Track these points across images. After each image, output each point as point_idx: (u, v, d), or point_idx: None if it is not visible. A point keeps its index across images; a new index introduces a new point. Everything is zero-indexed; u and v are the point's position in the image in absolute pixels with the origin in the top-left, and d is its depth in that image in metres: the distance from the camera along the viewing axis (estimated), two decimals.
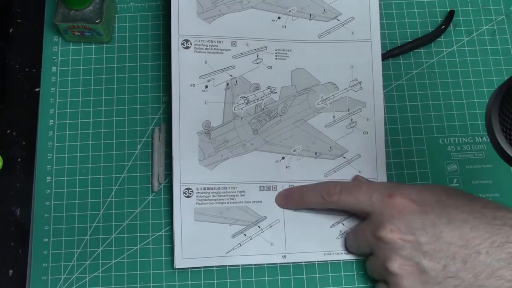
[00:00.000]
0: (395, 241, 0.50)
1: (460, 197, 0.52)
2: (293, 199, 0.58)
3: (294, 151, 0.60)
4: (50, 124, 0.61)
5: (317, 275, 0.57)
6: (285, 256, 0.57)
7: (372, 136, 0.61)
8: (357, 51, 0.62)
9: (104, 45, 0.64)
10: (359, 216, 0.57)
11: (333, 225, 0.58)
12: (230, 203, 0.58)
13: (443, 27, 0.65)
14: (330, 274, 0.57)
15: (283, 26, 0.62)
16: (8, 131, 0.61)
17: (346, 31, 0.63)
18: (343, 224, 0.58)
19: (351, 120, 0.61)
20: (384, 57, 0.63)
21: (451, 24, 0.65)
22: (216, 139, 0.59)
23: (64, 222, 0.58)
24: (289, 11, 0.63)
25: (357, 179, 0.59)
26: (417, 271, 0.50)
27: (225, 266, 0.57)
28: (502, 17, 0.66)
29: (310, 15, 0.63)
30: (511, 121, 0.41)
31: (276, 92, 0.61)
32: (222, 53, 0.61)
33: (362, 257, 0.57)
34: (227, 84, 0.60)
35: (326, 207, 0.56)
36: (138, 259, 0.57)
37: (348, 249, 0.57)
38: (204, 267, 0.57)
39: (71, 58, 0.63)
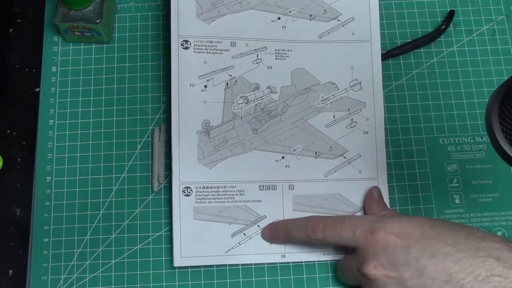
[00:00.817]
0: (379, 278, 0.49)
1: (444, 228, 0.50)
2: (279, 234, 0.57)
3: (294, 150, 0.60)
4: (50, 124, 0.61)
5: (317, 275, 0.57)
6: (284, 255, 0.57)
7: (372, 136, 0.61)
8: (357, 52, 0.62)
9: (104, 45, 0.64)
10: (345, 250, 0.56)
11: None
12: (229, 202, 0.58)
13: (443, 27, 0.65)
14: (330, 274, 0.57)
15: (283, 27, 0.62)
16: (8, 131, 0.61)
17: (346, 31, 0.63)
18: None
19: (351, 120, 0.61)
20: (384, 57, 0.63)
21: (451, 24, 0.65)
22: (215, 139, 0.59)
23: (64, 222, 0.58)
24: (289, 12, 0.63)
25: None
26: None
27: (225, 265, 0.57)
28: (502, 17, 0.66)
29: (310, 15, 0.63)
30: (511, 121, 0.41)
31: (276, 92, 0.61)
32: (222, 53, 0.61)
33: None
34: (227, 84, 0.60)
35: (311, 243, 0.56)
36: (138, 259, 0.57)
37: (338, 278, 0.57)
38: (203, 266, 0.57)
39: (71, 58, 0.63)
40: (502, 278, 0.45)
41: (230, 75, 0.60)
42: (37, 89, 0.63)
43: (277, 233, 0.57)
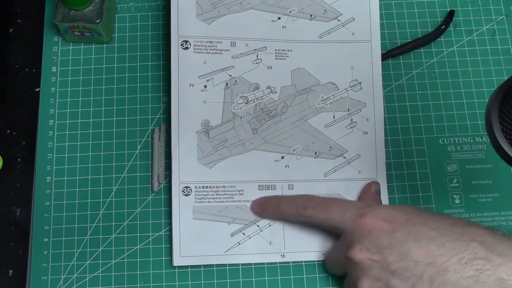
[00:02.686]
0: (363, 261, 0.50)
1: (430, 215, 0.51)
2: (269, 208, 0.57)
3: (293, 150, 0.60)
4: (50, 124, 0.61)
5: (317, 275, 0.57)
6: (284, 255, 0.57)
7: (372, 136, 0.61)
8: (357, 52, 0.63)
9: (104, 45, 0.64)
10: (334, 235, 0.56)
11: None
12: (228, 201, 0.58)
13: (443, 27, 0.65)
14: (330, 274, 0.57)
15: (283, 27, 0.62)
16: (8, 131, 0.61)
17: (347, 31, 0.63)
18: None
19: (351, 120, 0.61)
20: (384, 57, 0.63)
21: (451, 24, 0.65)
22: (215, 138, 0.59)
23: (64, 222, 0.58)
24: (289, 12, 0.63)
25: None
26: None
27: (224, 265, 0.57)
28: (502, 17, 0.66)
29: (311, 15, 0.63)
30: (511, 121, 0.41)
31: (276, 92, 0.61)
32: (221, 53, 0.61)
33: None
34: (226, 84, 0.60)
35: (300, 220, 0.56)
36: (138, 259, 0.57)
37: (327, 270, 0.57)
38: (203, 266, 0.57)
39: (71, 58, 0.63)
40: (485, 261, 0.45)
41: (230, 75, 0.60)
42: (37, 89, 0.63)
43: (267, 207, 0.57)
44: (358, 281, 0.50)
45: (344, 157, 0.60)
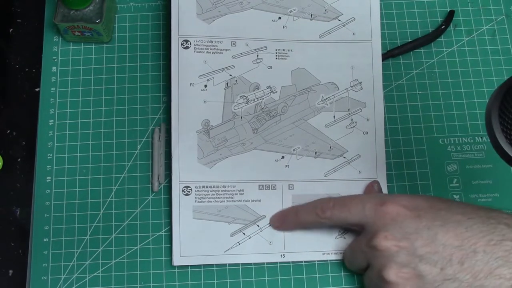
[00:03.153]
0: (389, 248, 0.49)
1: (453, 202, 0.51)
2: (288, 219, 0.57)
3: (294, 150, 0.60)
4: (50, 124, 0.61)
5: (317, 275, 0.57)
6: (283, 255, 0.57)
7: (372, 136, 0.61)
8: (358, 52, 0.63)
9: (104, 45, 0.64)
10: (355, 231, 0.56)
11: None
12: (229, 201, 0.58)
13: (443, 27, 0.65)
14: (330, 274, 0.57)
15: (283, 26, 0.62)
16: (8, 131, 0.61)
17: (347, 31, 0.63)
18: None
19: (351, 120, 0.61)
20: (384, 57, 0.63)
21: (451, 24, 0.65)
22: (215, 138, 0.59)
23: (64, 222, 0.58)
24: (290, 12, 0.63)
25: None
26: (414, 277, 0.49)
27: (224, 264, 0.57)
28: (502, 17, 0.66)
29: (311, 15, 0.63)
30: (511, 121, 0.41)
31: (276, 92, 0.61)
32: (222, 53, 0.61)
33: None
34: (227, 83, 0.60)
35: (321, 224, 0.56)
36: (138, 259, 0.57)
37: (346, 266, 0.57)
38: (203, 266, 0.57)
39: (71, 58, 0.63)
40: None
41: (230, 75, 0.60)
42: (37, 89, 0.63)
43: (286, 219, 0.57)
44: (383, 270, 0.49)
45: (344, 157, 0.60)
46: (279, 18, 0.62)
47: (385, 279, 0.49)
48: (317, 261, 0.58)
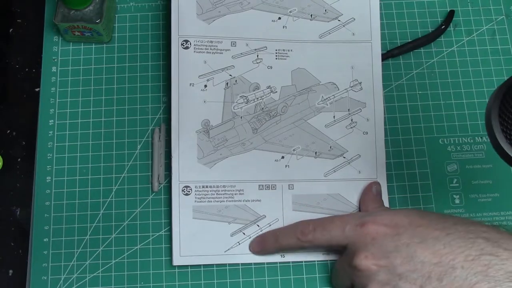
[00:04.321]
0: (369, 268, 0.49)
1: (433, 217, 0.51)
2: (268, 243, 0.57)
3: (294, 150, 0.60)
4: (50, 124, 0.61)
5: (317, 275, 0.57)
6: (283, 255, 0.57)
7: (372, 136, 0.61)
8: (358, 52, 0.63)
9: (104, 45, 0.64)
10: (338, 251, 0.56)
11: None
12: (229, 201, 0.58)
13: (443, 27, 0.65)
14: (330, 274, 0.57)
15: (283, 27, 0.62)
16: (8, 131, 0.61)
17: (347, 31, 0.63)
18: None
19: (351, 120, 0.61)
20: (384, 57, 0.63)
21: (451, 24, 0.65)
22: (215, 138, 0.59)
23: (64, 222, 0.58)
24: (290, 12, 0.63)
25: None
26: None
27: (224, 265, 0.57)
28: (502, 17, 0.66)
29: (311, 15, 0.63)
30: (511, 121, 0.41)
31: (276, 92, 0.61)
32: (222, 53, 0.61)
33: None
34: (227, 83, 0.60)
35: (302, 248, 0.55)
36: (138, 259, 0.57)
37: (333, 286, 0.57)
38: (203, 266, 0.57)
39: (71, 58, 0.63)
40: (492, 256, 0.45)
41: (230, 75, 0.61)
42: (37, 89, 0.63)
43: (266, 243, 0.57)
44: None
45: (344, 157, 0.60)
46: (279, 18, 0.62)
47: None
48: (317, 261, 0.58)
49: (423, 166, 0.61)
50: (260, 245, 0.57)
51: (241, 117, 0.60)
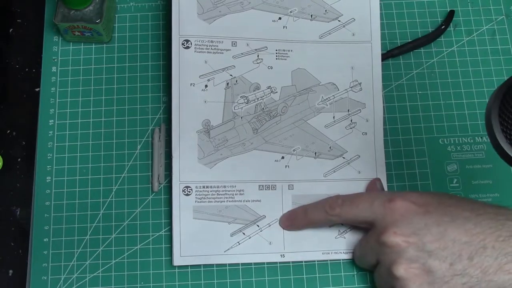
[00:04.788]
0: (399, 244, 0.49)
1: (462, 198, 0.51)
2: (297, 218, 0.57)
3: (293, 150, 0.60)
4: (50, 124, 0.61)
5: (317, 275, 0.57)
6: (283, 255, 0.57)
7: (371, 137, 0.61)
8: (358, 53, 0.63)
9: (104, 45, 0.64)
10: (363, 228, 0.56)
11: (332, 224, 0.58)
12: (229, 201, 0.58)
13: (443, 27, 0.65)
14: (330, 274, 0.57)
15: (283, 27, 0.62)
16: (8, 131, 0.61)
17: (347, 32, 0.63)
18: (342, 223, 0.58)
19: (351, 120, 0.61)
20: (384, 57, 0.63)
21: (451, 24, 0.65)
22: (215, 138, 0.59)
23: (64, 222, 0.58)
24: (290, 12, 0.63)
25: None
26: (423, 272, 0.49)
27: (225, 264, 0.57)
28: (502, 17, 0.66)
29: (311, 15, 0.63)
30: (511, 121, 0.41)
31: (277, 92, 0.61)
32: (222, 53, 0.61)
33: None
34: (227, 83, 0.60)
35: (330, 221, 0.56)
36: (138, 259, 0.57)
37: (356, 262, 0.57)
38: (203, 265, 0.57)
39: (71, 58, 0.63)
40: None
41: (231, 75, 0.61)
42: (37, 89, 0.63)
43: (296, 218, 0.57)
44: (393, 266, 0.50)
45: (344, 158, 0.60)
46: (280, 18, 0.62)
47: (395, 275, 0.50)
48: (317, 261, 0.58)
49: (423, 166, 0.61)
50: (290, 219, 0.57)
51: (241, 117, 0.60)
